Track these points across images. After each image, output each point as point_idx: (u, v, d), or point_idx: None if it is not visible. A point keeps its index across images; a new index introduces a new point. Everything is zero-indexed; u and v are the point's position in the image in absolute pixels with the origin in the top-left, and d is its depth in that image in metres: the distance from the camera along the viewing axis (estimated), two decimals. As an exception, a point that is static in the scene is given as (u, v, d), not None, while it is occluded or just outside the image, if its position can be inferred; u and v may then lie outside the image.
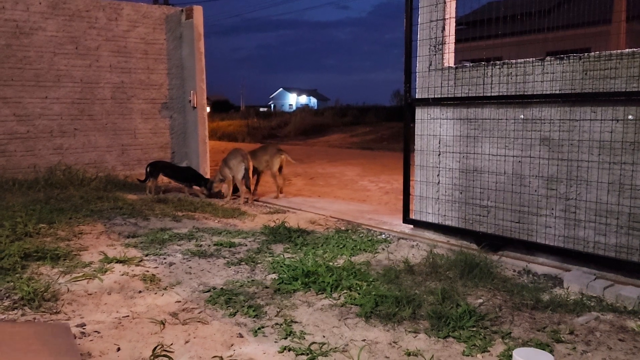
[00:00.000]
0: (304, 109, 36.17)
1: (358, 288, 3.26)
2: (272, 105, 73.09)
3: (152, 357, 2.38)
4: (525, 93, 3.94)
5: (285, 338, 2.62)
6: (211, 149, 8.67)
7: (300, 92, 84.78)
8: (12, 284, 3.24)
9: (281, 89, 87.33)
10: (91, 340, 2.55)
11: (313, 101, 75.48)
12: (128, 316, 2.86)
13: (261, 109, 44.54)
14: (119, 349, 2.47)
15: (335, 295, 3.20)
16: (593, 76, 3.58)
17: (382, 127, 21.83)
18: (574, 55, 3.67)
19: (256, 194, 6.92)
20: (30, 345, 1.47)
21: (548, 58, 3.82)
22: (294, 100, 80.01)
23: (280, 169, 6.89)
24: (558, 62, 3.76)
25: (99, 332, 2.65)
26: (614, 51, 3.48)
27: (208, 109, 8.39)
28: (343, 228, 5.03)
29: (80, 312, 2.91)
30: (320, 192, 7.68)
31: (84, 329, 2.68)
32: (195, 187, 7.05)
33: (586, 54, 3.62)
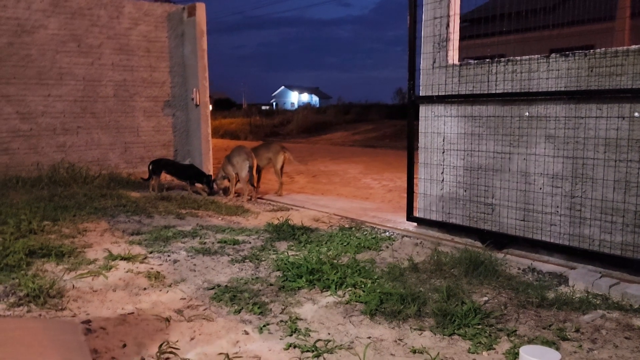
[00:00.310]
0: (306, 107, 36.21)
1: (363, 285, 3.27)
2: (274, 104, 73.09)
3: (158, 354, 2.39)
4: (530, 90, 3.94)
5: (291, 335, 2.62)
6: (213, 147, 8.67)
7: (302, 90, 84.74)
8: (17, 280, 3.25)
9: (283, 87, 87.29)
10: (97, 337, 2.56)
11: (315, 99, 75.43)
12: (133, 313, 2.87)
13: (263, 107, 44.53)
14: (124, 346, 2.48)
15: (340, 292, 3.21)
16: (599, 73, 3.57)
17: (384, 125, 21.81)
18: (579, 52, 3.66)
19: (258, 191, 6.93)
20: (40, 341, 1.47)
21: (553, 55, 3.81)
22: (295, 98, 79.97)
23: (282, 166, 6.89)
24: (563, 59, 3.75)
25: (104, 329, 2.66)
26: (620, 48, 3.47)
27: (210, 107, 8.39)
28: (347, 226, 5.03)
29: (85, 308, 2.92)
30: (323, 189, 7.68)
31: (89, 325, 2.69)
32: (198, 185, 7.06)
33: (592, 50, 3.61)
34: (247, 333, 2.65)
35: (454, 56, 4.52)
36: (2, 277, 3.31)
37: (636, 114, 3.41)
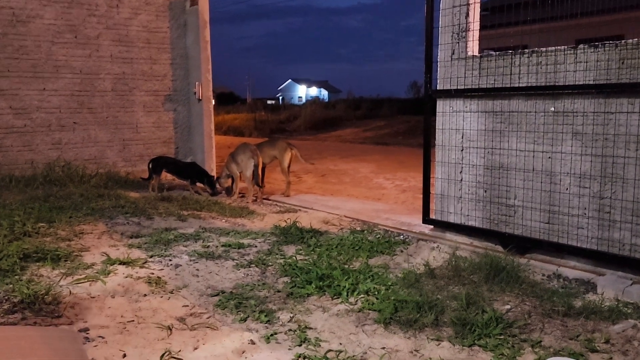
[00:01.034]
0: (314, 101, 36.15)
1: (376, 292, 3.26)
2: (280, 98, 73.15)
3: (159, 364, 2.39)
4: (556, 84, 3.90)
5: (300, 345, 2.62)
6: (217, 144, 8.69)
7: (310, 83, 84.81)
8: (11, 286, 3.28)
9: (290, 80, 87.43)
10: (95, 346, 2.58)
11: (324, 93, 75.42)
12: (133, 321, 2.89)
13: (269, 102, 44.64)
14: (124, 356, 2.49)
15: (351, 300, 3.20)
16: (631, 65, 3.53)
17: (397, 120, 21.78)
18: (609, 43, 3.62)
19: (264, 191, 6.93)
20: (37, 350, 1.48)
21: (581, 46, 3.77)
22: (303, 92, 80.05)
23: (289, 165, 6.90)
24: (592, 50, 3.71)
25: (103, 337, 2.67)
26: (655, 38, 3.43)
27: (213, 102, 8.41)
28: (358, 228, 5.03)
29: (83, 316, 2.94)
30: (333, 190, 7.68)
31: (87, 333, 2.71)
32: (199, 184, 7.08)
33: (623, 41, 3.57)
34: (253, 343, 2.66)
35: (473, 47, 4.49)
36: (-4, 282, 3.34)
37: (671, 110, 3.37)
